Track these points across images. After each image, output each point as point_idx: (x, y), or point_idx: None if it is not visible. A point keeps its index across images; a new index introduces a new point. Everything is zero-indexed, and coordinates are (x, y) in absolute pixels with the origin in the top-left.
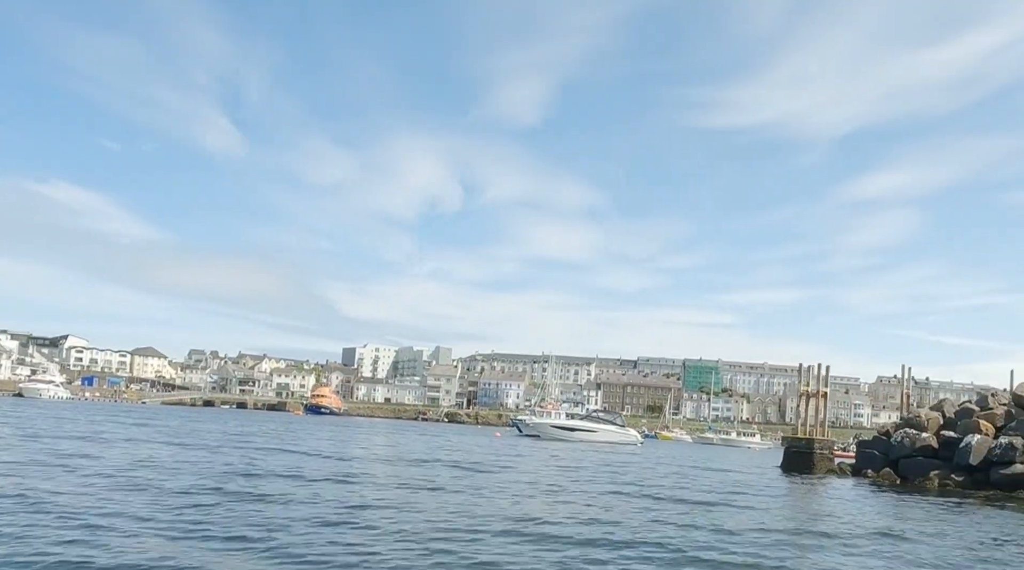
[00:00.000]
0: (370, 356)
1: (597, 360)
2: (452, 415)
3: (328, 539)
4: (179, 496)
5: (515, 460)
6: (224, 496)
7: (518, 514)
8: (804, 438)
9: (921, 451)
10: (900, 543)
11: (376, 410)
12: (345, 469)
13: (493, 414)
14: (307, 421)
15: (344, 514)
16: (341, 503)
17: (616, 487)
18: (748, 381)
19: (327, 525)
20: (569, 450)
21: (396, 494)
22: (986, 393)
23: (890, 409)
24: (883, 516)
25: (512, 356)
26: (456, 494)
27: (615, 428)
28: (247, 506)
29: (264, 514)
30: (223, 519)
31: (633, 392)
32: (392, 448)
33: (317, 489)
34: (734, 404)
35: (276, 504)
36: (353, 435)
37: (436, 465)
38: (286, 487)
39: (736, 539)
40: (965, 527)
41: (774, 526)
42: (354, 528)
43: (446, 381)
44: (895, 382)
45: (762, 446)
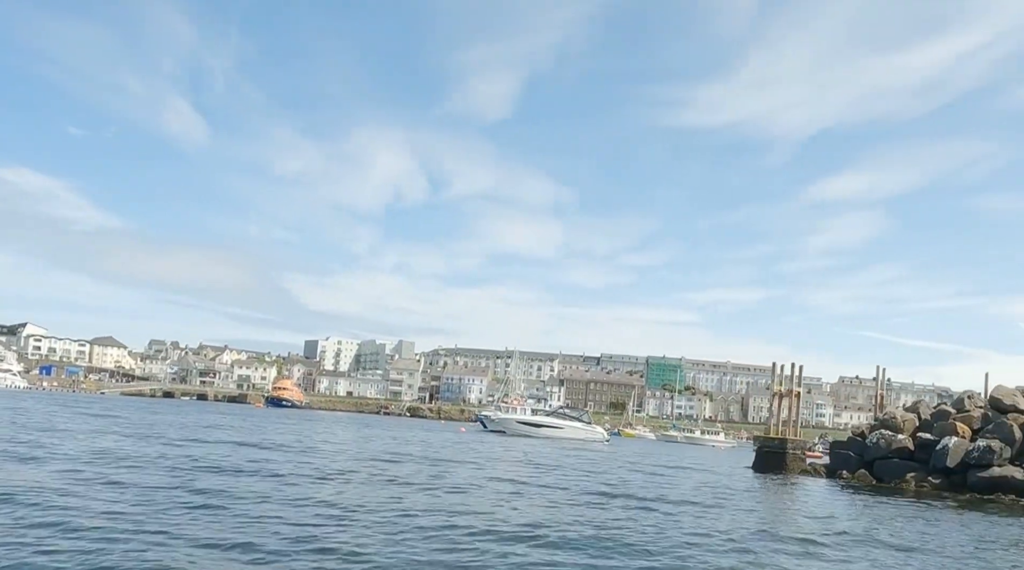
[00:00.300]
0: (332, 349)
1: (560, 356)
2: (414, 409)
3: (299, 536)
4: (148, 491)
5: (485, 458)
6: (192, 494)
7: (511, 519)
8: (777, 438)
9: (897, 453)
10: (889, 550)
11: (338, 403)
12: (316, 465)
13: (455, 409)
14: (268, 414)
15: (317, 512)
16: (316, 502)
17: (600, 488)
18: (711, 379)
19: (295, 525)
20: (537, 447)
21: (377, 493)
22: (962, 395)
23: (852, 409)
24: (869, 521)
25: (475, 351)
26: (431, 492)
27: (581, 425)
28: (211, 504)
29: (232, 514)
30: (190, 520)
31: (596, 389)
32: (362, 444)
33: (286, 487)
34: (697, 402)
35: (246, 502)
36: (318, 429)
37: (408, 461)
38: (253, 485)
39: (721, 544)
40: (951, 532)
41: (760, 529)
42: (332, 527)
43: (408, 375)
44: (857, 382)
45: (726, 445)
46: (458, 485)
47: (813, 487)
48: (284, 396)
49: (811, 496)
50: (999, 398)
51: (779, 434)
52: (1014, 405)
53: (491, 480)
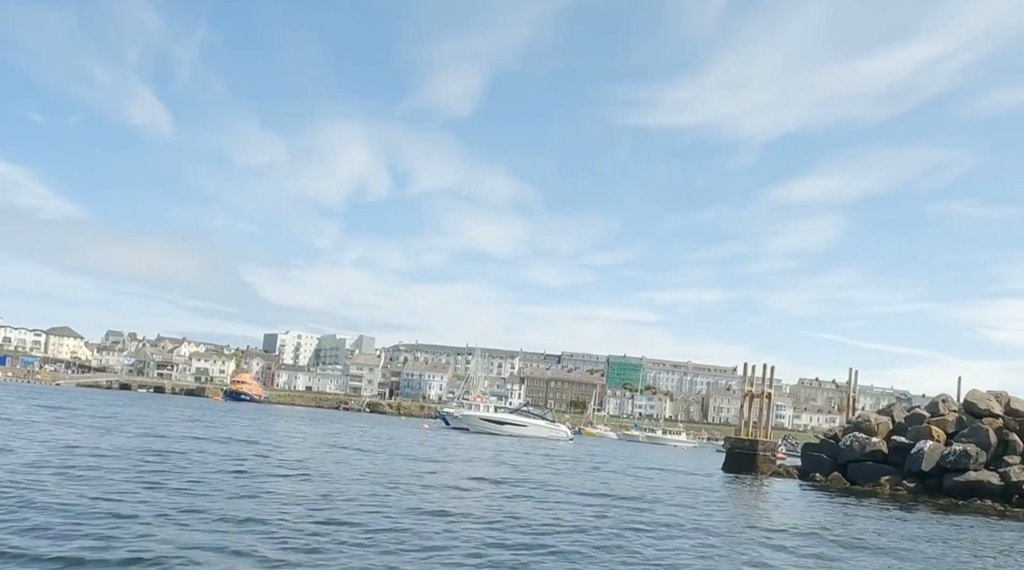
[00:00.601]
0: (292, 343)
1: (521, 354)
2: (374, 405)
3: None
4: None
5: (453, 455)
6: (157, 493)
7: (501, 519)
8: (748, 439)
9: (871, 456)
10: (880, 556)
11: (297, 398)
12: (282, 462)
13: (415, 405)
14: (227, 408)
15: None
16: (288, 500)
17: (579, 490)
18: (671, 379)
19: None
20: (503, 445)
21: (356, 490)
22: (936, 399)
23: (812, 411)
24: (853, 526)
25: (436, 347)
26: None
27: (545, 423)
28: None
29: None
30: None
31: (557, 387)
32: (328, 439)
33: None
34: (657, 402)
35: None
36: (281, 424)
37: (380, 457)
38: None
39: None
40: (934, 537)
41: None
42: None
43: (369, 371)
44: (816, 384)
45: (688, 444)
46: (458, 486)
47: (786, 489)
48: (243, 390)
49: (788, 499)
50: (973, 402)
51: (749, 435)
52: (988, 409)
53: (476, 480)
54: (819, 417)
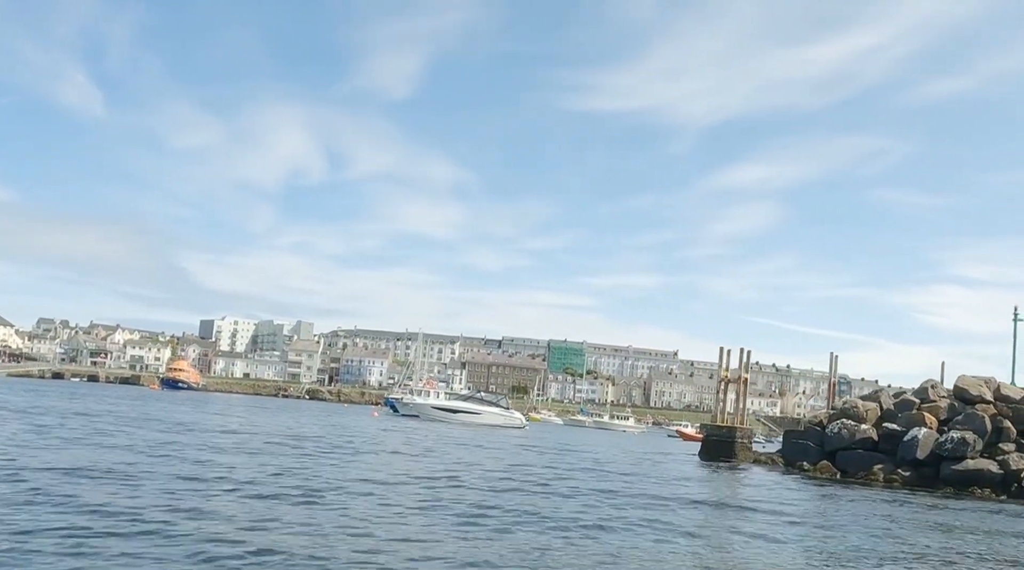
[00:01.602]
0: (228, 329)
1: (462, 339)
2: (314, 392)
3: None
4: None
5: (422, 447)
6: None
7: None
8: (725, 426)
9: (860, 443)
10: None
11: (235, 385)
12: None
13: (356, 392)
14: (166, 396)
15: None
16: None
17: (570, 480)
18: (612, 364)
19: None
20: (461, 434)
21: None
22: (925, 385)
23: (753, 395)
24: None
25: (375, 333)
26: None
27: (499, 410)
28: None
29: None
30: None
31: (499, 372)
32: (285, 430)
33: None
34: (599, 386)
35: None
36: (230, 414)
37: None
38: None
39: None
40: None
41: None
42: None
43: (308, 357)
44: (757, 368)
45: (637, 429)
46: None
47: (773, 479)
48: (180, 378)
49: (795, 493)
50: (964, 388)
51: (724, 422)
52: (980, 396)
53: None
54: (760, 401)
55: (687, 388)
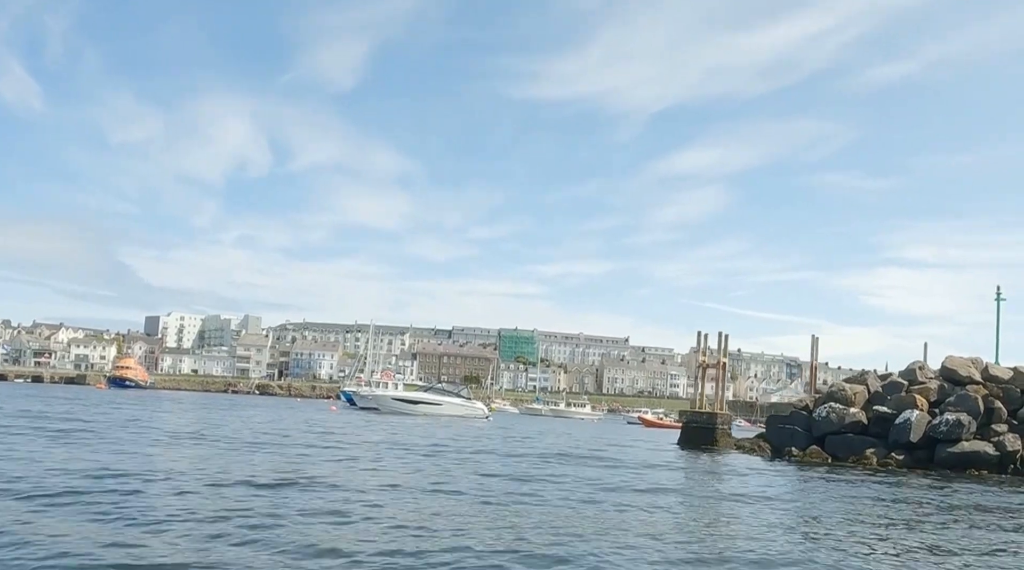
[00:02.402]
0: (175, 325)
1: (411, 330)
2: (264, 387)
3: None
4: None
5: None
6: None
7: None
8: (706, 412)
9: (850, 427)
10: None
11: (183, 382)
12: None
13: (307, 385)
14: (116, 396)
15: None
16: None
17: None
18: (563, 351)
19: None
20: (429, 426)
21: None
22: (912, 366)
23: (706, 379)
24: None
25: (324, 325)
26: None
27: (461, 401)
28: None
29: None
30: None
31: (450, 363)
32: (259, 429)
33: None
34: (552, 374)
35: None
36: (190, 413)
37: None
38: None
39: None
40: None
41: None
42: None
43: (256, 351)
44: (709, 352)
45: (594, 416)
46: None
47: (766, 466)
48: (128, 376)
49: (818, 483)
50: (954, 369)
51: (703, 407)
52: (970, 377)
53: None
54: (712, 385)
55: (639, 374)
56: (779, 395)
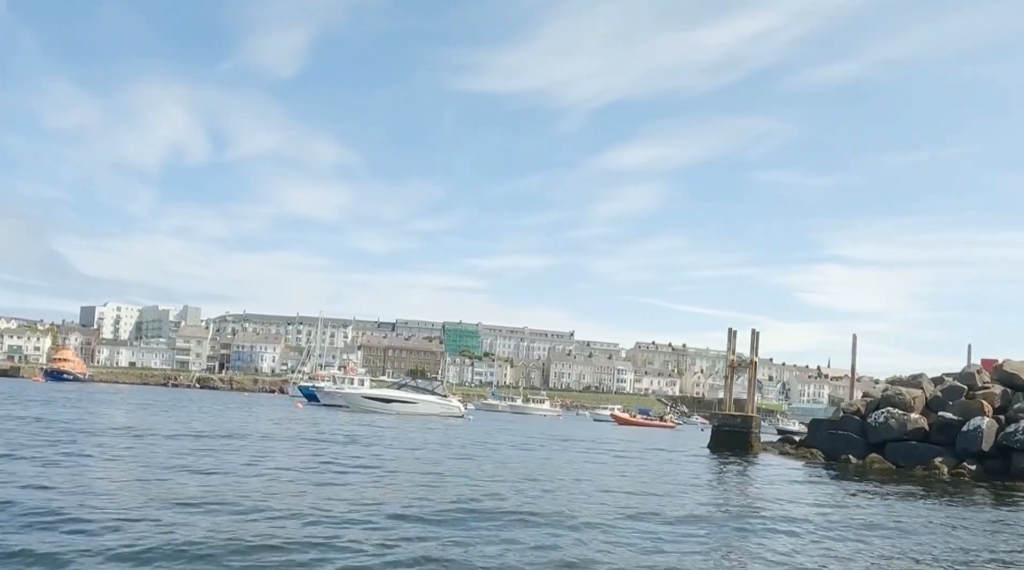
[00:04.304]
0: (111, 316)
1: (354, 322)
2: (205, 380)
3: None
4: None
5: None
6: None
7: None
8: (740, 415)
9: (912, 435)
10: None
11: (121, 375)
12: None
13: (249, 379)
14: (53, 390)
15: None
16: None
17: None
18: (508, 345)
19: None
20: (414, 426)
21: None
22: (970, 369)
23: (652, 375)
24: None
25: (265, 317)
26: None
27: (436, 399)
28: None
29: None
30: None
31: (395, 356)
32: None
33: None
34: (498, 368)
35: None
36: (145, 409)
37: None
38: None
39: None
40: None
41: None
42: None
43: (196, 343)
44: (654, 348)
45: (553, 413)
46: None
47: (851, 481)
48: (66, 369)
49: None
50: (1015, 373)
51: (730, 408)
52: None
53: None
54: (659, 380)
55: (586, 369)
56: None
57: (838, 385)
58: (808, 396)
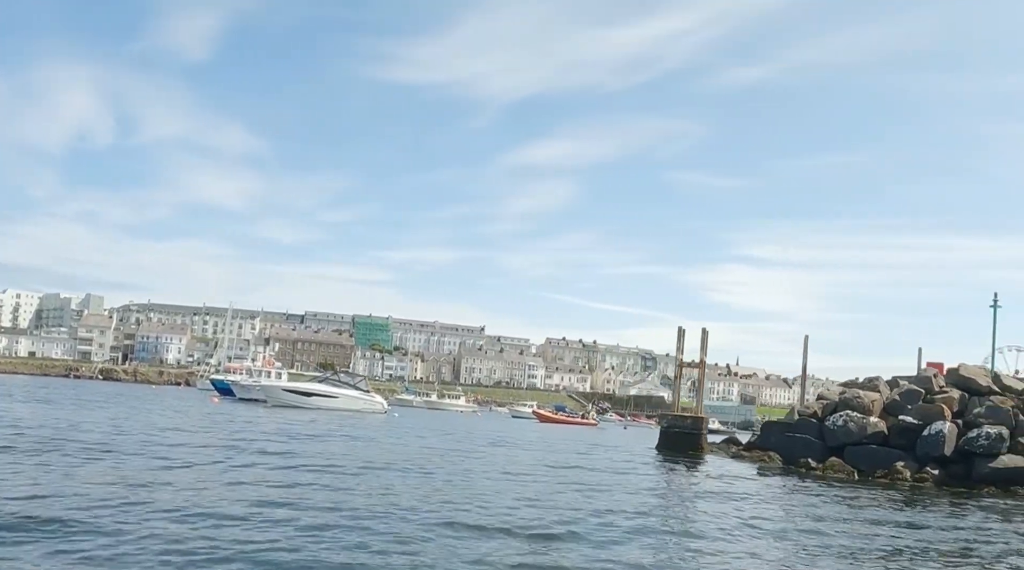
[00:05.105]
0: (10, 303)
1: (263, 314)
2: (108, 371)
3: None
4: None
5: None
6: None
7: None
8: (690, 416)
9: (872, 438)
10: None
11: (19, 365)
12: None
13: (153, 371)
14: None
15: None
16: None
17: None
18: (419, 339)
19: None
20: (332, 421)
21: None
22: (926, 373)
23: (563, 371)
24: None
25: (171, 307)
26: None
27: (358, 393)
28: None
29: None
30: None
31: (304, 349)
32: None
33: None
34: (408, 363)
35: None
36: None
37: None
38: None
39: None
40: None
41: None
42: None
43: (99, 333)
44: (564, 344)
45: (469, 409)
46: None
47: (819, 486)
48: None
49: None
50: (971, 378)
51: (678, 409)
52: (989, 387)
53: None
54: (570, 376)
55: (497, 364)
56: (638, 388)
57: (748, 383)
58: (718, 394)
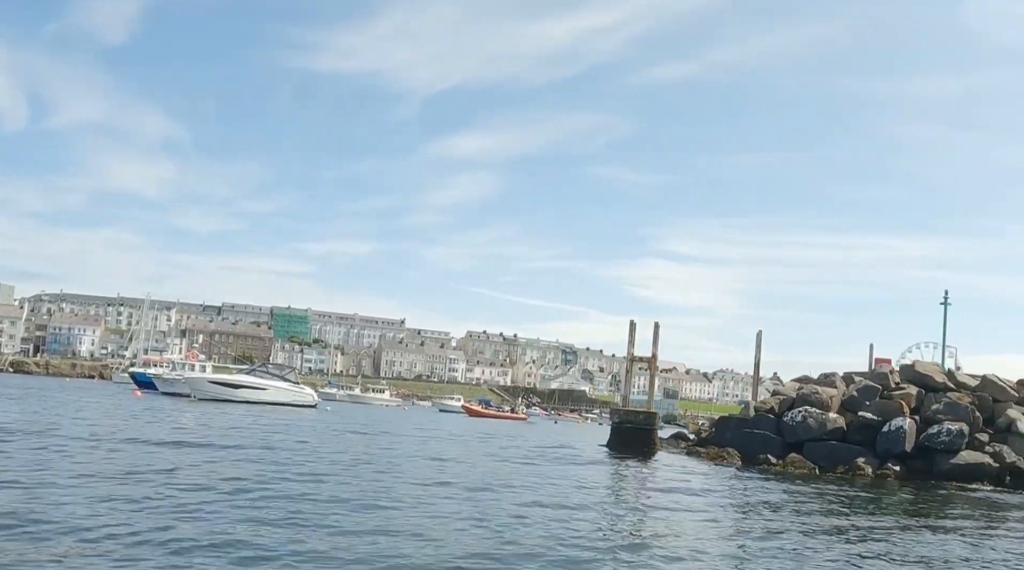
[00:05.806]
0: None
1: (178, 305)
2: (19, 364)
3: None
4: None
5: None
6: None
7: None
8: (642, 411)
9: (832, 434)
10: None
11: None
12: None
13: (66, 363)
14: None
15: None
16: None
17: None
18: (338, 332)
19: None
20: (266, 415)
21: None
22: (882, 369)
23: (484, 364)
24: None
25: (84, 297)
26: None
27: (287, 385)
28: None
29: None
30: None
31: (222, 341)
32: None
33: None
34: (328, 356)
35: None
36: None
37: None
38: None
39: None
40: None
41: None
42: None
43: (10, 324)
44: (484, 337)
45: (394, 403)
46: None
47: (787, 484)
48: None
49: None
50: (927, 374)
51: (627, 405)
52: (945, 383)
53: None
54: (491, 370)
55: (418, 357)
56: (559, 382)
57: (668, 377)
58: (639, 388)
